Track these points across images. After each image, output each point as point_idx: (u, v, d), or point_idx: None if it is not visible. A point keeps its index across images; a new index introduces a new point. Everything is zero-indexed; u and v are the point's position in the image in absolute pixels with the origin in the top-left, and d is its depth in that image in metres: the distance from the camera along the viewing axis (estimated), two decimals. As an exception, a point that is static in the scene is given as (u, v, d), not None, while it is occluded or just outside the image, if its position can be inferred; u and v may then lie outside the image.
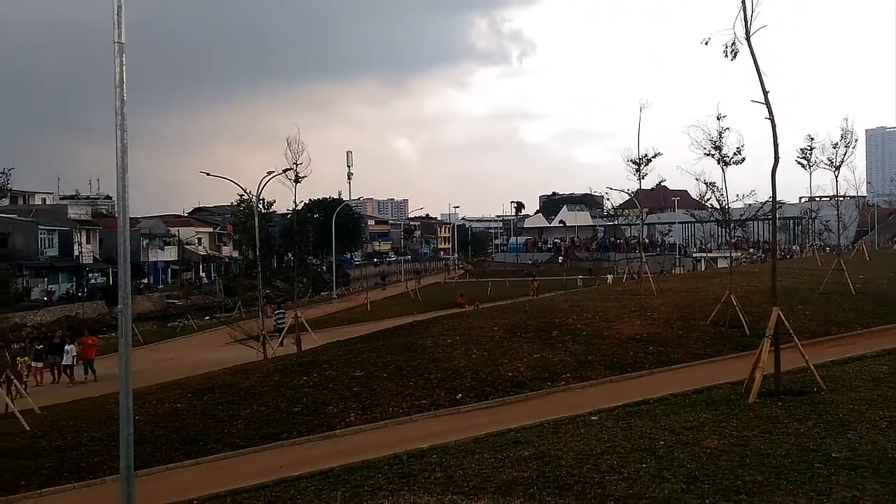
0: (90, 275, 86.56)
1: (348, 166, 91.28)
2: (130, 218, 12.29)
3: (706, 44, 14.24)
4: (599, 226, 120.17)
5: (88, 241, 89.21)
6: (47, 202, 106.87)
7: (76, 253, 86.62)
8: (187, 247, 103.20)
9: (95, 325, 62.74)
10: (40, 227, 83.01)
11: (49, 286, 79.71)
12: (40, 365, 32.86)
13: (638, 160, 34.57)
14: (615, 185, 52.07)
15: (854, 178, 55.30)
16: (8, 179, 26.28)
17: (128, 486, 11.17)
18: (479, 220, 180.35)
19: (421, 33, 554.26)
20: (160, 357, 38.11)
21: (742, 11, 13.50)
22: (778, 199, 16.95)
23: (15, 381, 26.12)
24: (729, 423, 12.11)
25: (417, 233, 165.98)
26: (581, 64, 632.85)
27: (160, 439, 17.19)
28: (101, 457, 16.62)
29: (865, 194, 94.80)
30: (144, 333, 48.40)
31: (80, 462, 16.81)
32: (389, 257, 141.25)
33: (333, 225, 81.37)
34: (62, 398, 27.72)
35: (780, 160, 14.58)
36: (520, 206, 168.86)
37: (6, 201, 52.58)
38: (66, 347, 33.59)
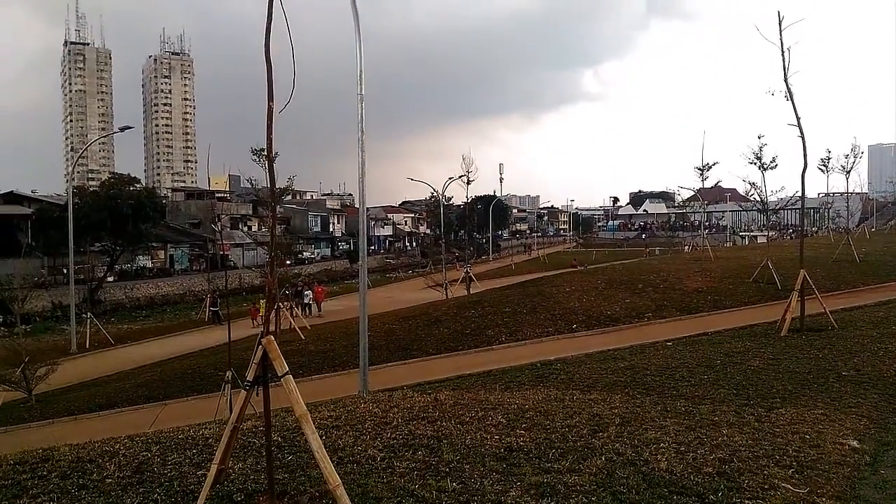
0: (339, 243, 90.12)
1: (500, 173, 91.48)
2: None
3: (772, 94, 13.77)
4: (672, 213, 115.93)
5: (338, 222, 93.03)
6: (314, 197, 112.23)
7: (331, 229, 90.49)
8: (398, 226, 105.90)
9: (343, 275, 65.79)
10: (309, 213, 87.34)
11: (314, 250, 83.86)
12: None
13: (701, 167, 33.02)
14: (685, 185, 49.82)
15: (859, 180, 50.84)
16: (293, 182, 27.87)
17: (364, 375, 11.76)
18: (587, 209, 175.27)
19: (547, 82, 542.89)
20: (382, 295, 39.45)
21: (782, 61, 13.08)
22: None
23: (296, 309, 27.74)
24: (767, 350, 11.43)
25: (545, 217, 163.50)
26: (656, 100, 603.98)
27: (383, 348, 17.88)
28: (347, 357, 17.50)
29: (867, 191, 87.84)
30: (372, 281, 49.98)
31: (335, 360, 17.77)
32: (527, 234, 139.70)
33: (490, 212, 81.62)
34: (314, 322, 29.04)
35: (808, 166, 13.71)
36: (615, 199, 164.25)
37: (289, 196, 55.46)
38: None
